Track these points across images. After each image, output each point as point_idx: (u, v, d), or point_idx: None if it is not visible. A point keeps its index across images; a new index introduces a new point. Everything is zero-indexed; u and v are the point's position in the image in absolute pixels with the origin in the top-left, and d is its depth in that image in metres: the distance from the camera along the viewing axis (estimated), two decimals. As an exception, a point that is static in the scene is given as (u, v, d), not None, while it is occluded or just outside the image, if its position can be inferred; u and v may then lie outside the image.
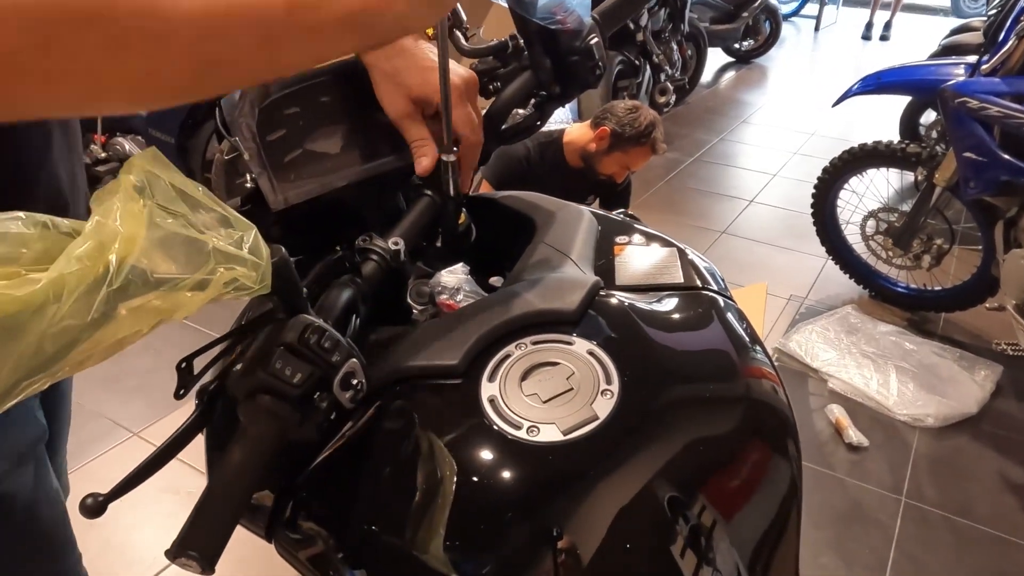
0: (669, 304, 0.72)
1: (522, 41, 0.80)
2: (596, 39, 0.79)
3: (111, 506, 0.53)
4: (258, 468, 0.50)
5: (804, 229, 3.25)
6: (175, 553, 0.46)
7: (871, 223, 2.87)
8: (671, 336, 0.70)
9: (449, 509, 0.55)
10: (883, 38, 7.82)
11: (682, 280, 0.75)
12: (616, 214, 0.92)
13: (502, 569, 0.53)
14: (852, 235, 2.99)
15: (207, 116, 3.01)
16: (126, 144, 3.19)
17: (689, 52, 5.25)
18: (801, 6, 8.89)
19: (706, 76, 6.00)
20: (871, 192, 2.97)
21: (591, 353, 0.63)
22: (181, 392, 0.55)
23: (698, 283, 0.76)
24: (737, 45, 6.58)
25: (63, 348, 0.36)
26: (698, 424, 0.63)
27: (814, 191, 2.99)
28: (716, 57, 6.54)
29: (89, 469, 2.03)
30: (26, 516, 0.78)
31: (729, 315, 0.73)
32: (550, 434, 0.57)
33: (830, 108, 3.04)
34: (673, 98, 4.88)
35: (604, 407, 0.59)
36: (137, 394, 2.29)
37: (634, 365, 0.63)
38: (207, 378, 0.59)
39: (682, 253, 0.80)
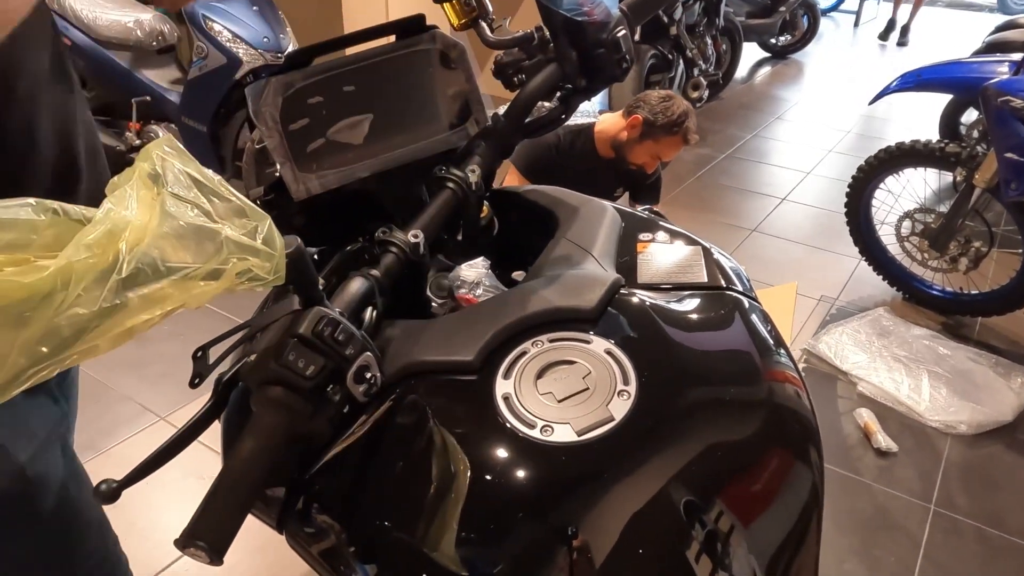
0: (691, 304, 0.71)
1: (548, 32, 0.79)
2: (623, 31, 0.78)
3: (139, 489, 0.53)
4: (268, 461, 0.50)
5: (837, 229, 3.19)
6: (183, 543, 0.46)
7: (907, 224, 2.81)
8: (692, 337, 0.68)
9: (461, 507, 0.54)
10: (882, 37, 7.41)
11: (706, 279, 0.74)
12: (641, 211, 0.90)
13: (512, 569, 0.53)
14: (886, 236, 2.92)
15: (240, 105, 3.03)
16: (160, 132, 3.22)
17: (724, 47, 5.17)
18: (840, 1, 8.71)
19: (741, 71, 5.91)
20: (907, 192, 2.90)
21: (609, 352, 0.62)
22: (196, 381, 0.55)
23: (722, 283, 0.74)
24: (773, 40, 6.47)
25: (71, 336, 0.35)
26: (717, 428, 0.61)
27: (848, 190, 2.93)
28: (751, 52, 6.43)
29: (116, 452, 2.06)
30: (59, 497, 0.79)
31: (753, 316, 0.72)
32: (564, 434, 0.56)
33: (867, 105, 2.97)
34: (706, 93, 4.82)
35: (620, 408, 0.58)
36: (165, 379, 2.32)
37: (652, 366, 0.62)
38: (224, 367, 0.59)
39: (707, 252, 0.78)
